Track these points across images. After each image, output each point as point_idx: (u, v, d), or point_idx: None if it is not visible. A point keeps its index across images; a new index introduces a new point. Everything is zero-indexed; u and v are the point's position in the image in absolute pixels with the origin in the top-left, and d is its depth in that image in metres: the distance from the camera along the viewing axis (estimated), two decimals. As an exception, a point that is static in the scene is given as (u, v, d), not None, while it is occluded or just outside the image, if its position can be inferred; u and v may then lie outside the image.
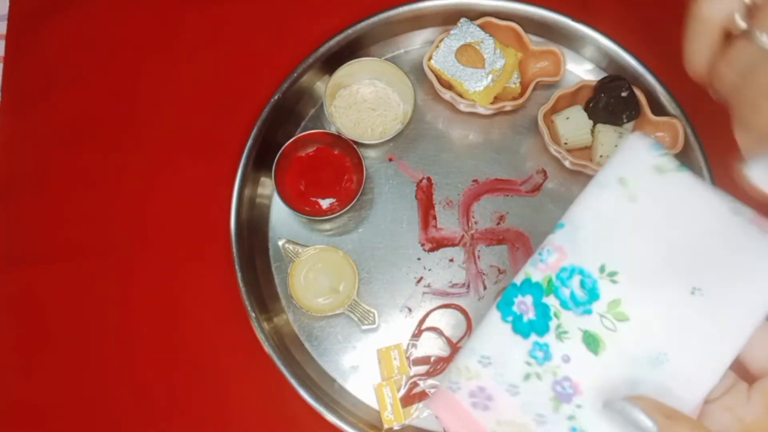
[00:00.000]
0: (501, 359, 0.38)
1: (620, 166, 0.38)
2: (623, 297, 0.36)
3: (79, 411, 0.62)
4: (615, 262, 0.36)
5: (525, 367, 0.37)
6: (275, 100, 0.64)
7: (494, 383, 0.37)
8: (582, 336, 0.36)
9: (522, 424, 0.37)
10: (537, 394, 0.37)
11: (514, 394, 0.37)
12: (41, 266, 0.65)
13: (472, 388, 0.38)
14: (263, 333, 0.59)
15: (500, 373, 0.37)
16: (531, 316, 0.37)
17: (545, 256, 0.38)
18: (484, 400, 0.37)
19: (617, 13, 0.69)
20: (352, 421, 0.58)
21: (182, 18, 0.71)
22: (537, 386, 0.37)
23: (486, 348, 0.38)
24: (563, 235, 0.38)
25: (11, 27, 0.71)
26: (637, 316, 0.36)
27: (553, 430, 0.36)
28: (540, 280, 0.37)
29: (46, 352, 0.63)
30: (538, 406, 0.37)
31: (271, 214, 0.66)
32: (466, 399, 0.38)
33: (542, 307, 0.37)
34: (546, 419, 0.36)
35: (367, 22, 0.66)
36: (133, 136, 0.68)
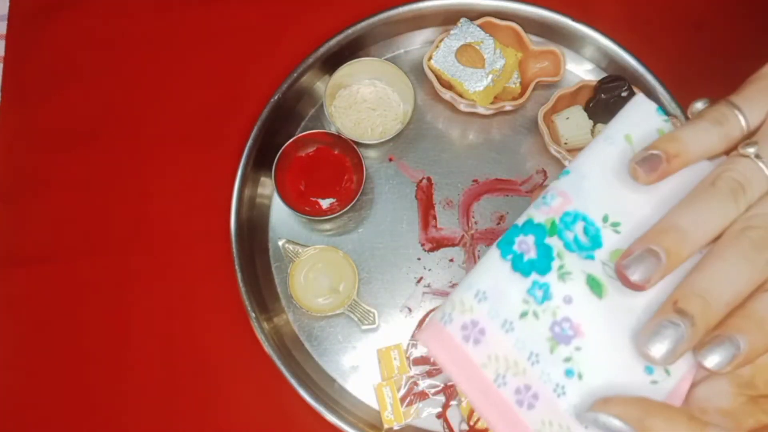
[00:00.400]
0: (497, 295, 0.37)
1: (626, 123, 0.38)
2: (625, 247, 0.35)
3: (79, 411, 0.62)
4: (617, 213, 0.36)
5: (522, 305, 0.36)
6: (275, 100, 0.64)
7: (488, 318, 0.37)
8: (586, 278, 0.36)
9: (514, 361, 0.36)
10: (533, 333, 0.36)
11: (508, 331, 0.36)
12: (41, 266, 0.65)
13: (464, 321, 0.37)
14: (263, 333, 0.59)
15: (495, 309, 0.37)
16: (532, 255, 0.37)
17: (549, 199, 0.37)
18: (475, 334, 0.36)
19: (617, 13, 0.69)
20: (352, 421, 0.58)
21: (182, 18, 0.71)
22: (533, 325, 0.36)
23: (482, 283, 0.37)
24: (568, 182, 0.38)
25: (11, 27, 0.71)
26: None
27: (546, 370, 0.36)
28: (543, 221, 0.37)
29: (45, 351, 0.63)
30: (533, 344, 0.36)
31: (271, 214, 0.66)
32: (458, 332, 0.37)
33: (544, 247, 0.37)
34: (540, 359, 0.36)
35: (367, 22, 0.66)
36: (133, 136, 0.68)
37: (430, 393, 0.60)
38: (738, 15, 0.70)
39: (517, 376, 0.36)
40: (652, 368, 0.34)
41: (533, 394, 0.36)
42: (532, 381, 0.36)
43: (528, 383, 0.36)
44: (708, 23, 0.70)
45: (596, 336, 0.35)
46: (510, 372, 0.36)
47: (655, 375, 0.34)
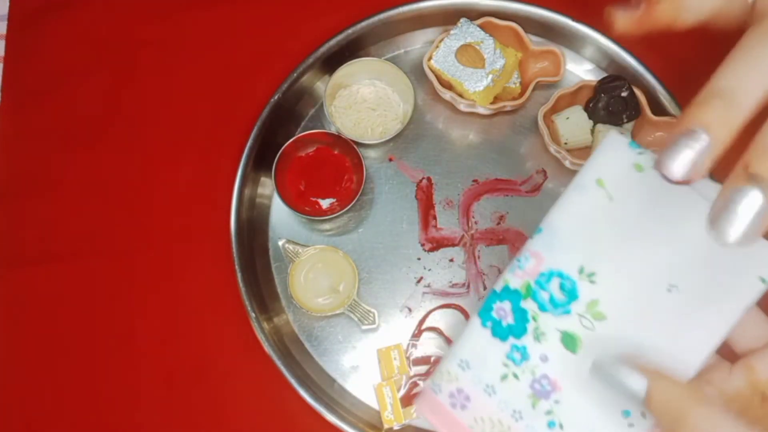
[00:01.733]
0: (479, 362, 0.40)
1: (597, 167, 0.38)
2: (601, 297, 0.37)
3: (79, 410, 0.62)
4: (593, 263, 0.37)
5: (502, 368, 0.39)
6: (275, 100, 0.64)
7: (472, 384, 0.40)
8: (560, 336, 0.37)
9: (498, 420, 0.39)
10: (514, 393, 0.38)
11: (490, 394, 0.39)
12: (41, 266, 0.65)
13: (451, 389, 0.40)
14: (263, 333, 0.59)
15: (478, 375, 0.40)
16: (509, 321, 0.39)
17: (523, 262, 0.39)
18: (462, 400, 0.40)
19: (617, 13, 0.69)
20: (352, 421, 0.58)
21: (182, 18, 0.71)
22: (514, 385, 0.38)
23: (465, 352, 0.40)
24: (540, 241, 0.39)
25: (11, 27, 0.71)
26: (614, 315, 0.36)
27: (530, 424, 0.38)
28: (518, 286, 0.39)
29: (46, 351, 0.63)
30: (515, 403, 0.38)
31: (271, 214, 0.66)
32: (447, 399, 0.40)
33: (520, 311, 0.39)
34: (523, 415, 0.38)
35: (367, 22, 0.66)
36: (133, 135, 0.68)
37: (430, 393, 0.60)
38: (738, 15, 0.70)
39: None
40: (629, 412, 0.35)
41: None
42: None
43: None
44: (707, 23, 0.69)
45: (573, 388, 0.37)
46: (496, 430, 0.39)
47: (631, 418, 0.35)
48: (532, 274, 0.38)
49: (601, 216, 0.37)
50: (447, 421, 0.40)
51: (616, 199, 0.37)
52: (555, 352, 0.37)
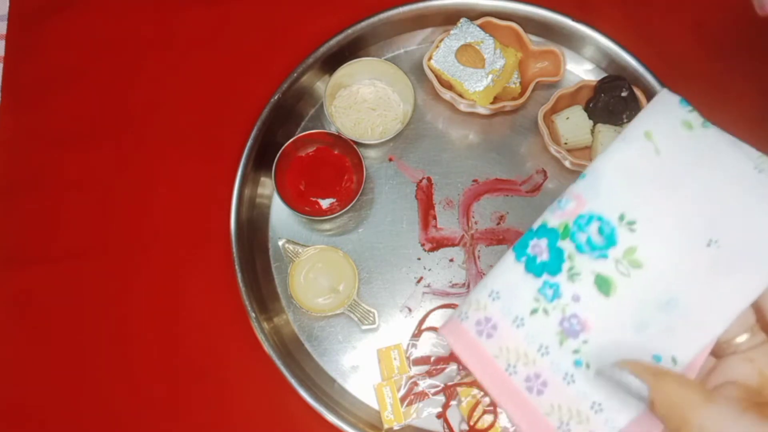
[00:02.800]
0: (510, 294, 0.40)
1: (647, 120, 0.39)
2: (639, 245, 0.37)
3: (79, 410, 0.62)
4: (634, 212, 0.38)
5: (533, 302, 0.39)
6: (275, 100, 0.64)
7: (500, 315, 0.40)
8: (594, 278, 0.38)
9: (525, 352, 0.39)
10: (543, 328, 0.39)
11: (518, 326, 0.39)
12: (41, 266, 0.65)
13: (479, 317, 0.40)
14: (263, 333, 0.59)
15: (507, 306, 0.40)
16: (544, 258, 0.39)
17: (563, 203, 0.39)
18: (488, 329, 0.40)
19: (617, 13, 0.69)
20: (352, 421, 0.58)
21: (182, 18, 0.71)
22: (543, 321, 0.39)
23: (497, 283, 0.40)
24: (583, 185, 0.39)
25: (11, 27, 0.71)
26: (651, 263, 0.37)
27: (556, 360, 0.38)
28: (556, 225, 0.39)
29: (46, 351, 0.63)
30: (543, 338, 0.39)
31: (271, 214, 0.66)
32: (473, 327, 0.40)
33: (556, 250, 0.39)
34: (550, 350, 0.38)
35: (367, 22, 0.66)
36: (133, 136, 0.68)
37: (430, 393, 0.60)
38: (738, 15, 0.70)
39: (527, 366, 0.39)
40: (660, 356, 0.36)
41: (542, 382, 0.38)
42: (541, 370, 0.38)
43: (538, 372, 0.38)
44: (708, 23, 0.69)
45: (603, 330, 0.37)
46: (520, 362, 0.39)
47: (662, 363, 0.36)
48: (572, 215, 0.39)
49: (646, 167, 0.38)
50: (471, 349, 0.40)
51: (663, 153, 0.38)
52: (587, 294, 0.38)
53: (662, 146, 0.38)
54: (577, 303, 0.38)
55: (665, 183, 0.37)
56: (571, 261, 0.38)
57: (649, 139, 0.38)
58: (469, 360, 0.40)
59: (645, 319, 0.37)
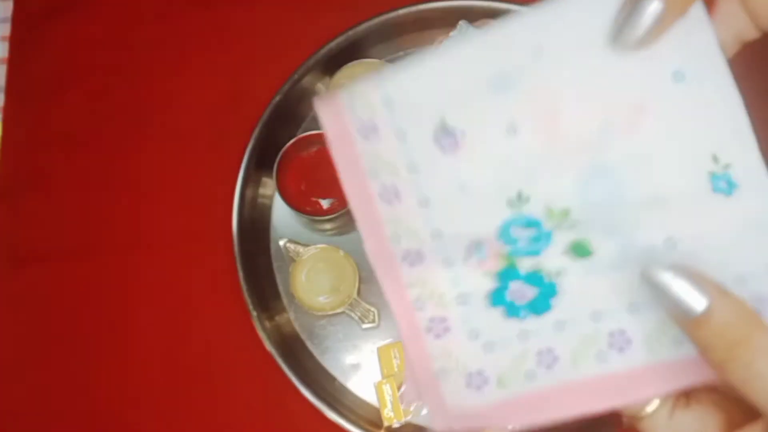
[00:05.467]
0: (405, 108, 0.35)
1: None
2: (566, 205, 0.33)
3: (79, 410, 0.62)
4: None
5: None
6: (276, 102, 0.65)
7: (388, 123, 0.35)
8: (568, 247, 0.34)
9: (393, 164, 0.35)
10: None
11: (401, 140, 0.35)
12: (42, 266, 0.65)
13: (363, 117, 0.35)
14: (264, 332, 0.60)
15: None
16: (528, 299, 0.35)
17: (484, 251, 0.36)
18: (369, 132, 0.35)
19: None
20: (353, 419, 0.58)
21: (184, 21, 0.71)
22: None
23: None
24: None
25: (15, 29, 0.72)
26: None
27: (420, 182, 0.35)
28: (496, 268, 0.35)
29: (46, 351, 0.63)
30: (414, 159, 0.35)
31: (273, 214, 0.66)
32: (355, 124, 0.35)
33: (532, 278, 0.35)
34: (419, 170, 0.35)
35: (368, 24, 0.66)
36: (135, 136, 0.69)
37: (429, 391, 0.60)
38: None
39: (391, 176, 0.36)
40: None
41: (396, 193, 0.36)
42: (401, 185, 0.35)
43: (396, 186, 0.36)
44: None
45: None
46: (385, 171, 0.35)
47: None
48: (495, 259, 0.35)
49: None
50: (344, 145, 0.35)
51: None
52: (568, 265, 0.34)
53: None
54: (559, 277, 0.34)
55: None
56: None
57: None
58: (338, 154, 0.36)
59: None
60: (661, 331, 0.32)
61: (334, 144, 0.36)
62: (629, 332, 0.33)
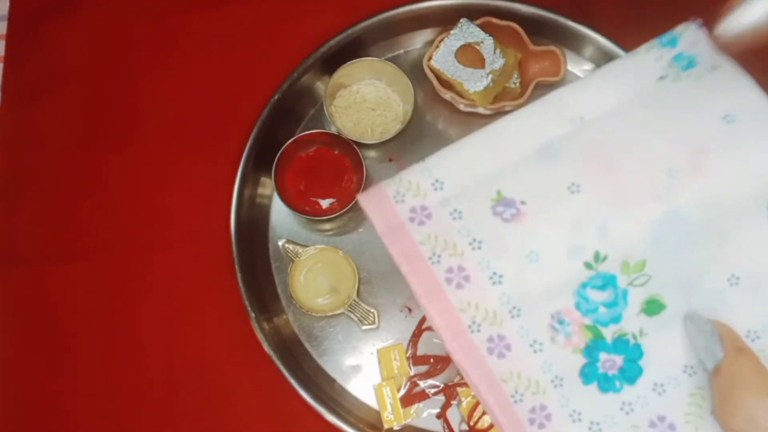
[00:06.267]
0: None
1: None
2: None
3: (79, 409, 0.62)
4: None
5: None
6: (275, 100, 0.64)
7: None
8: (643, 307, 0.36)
9: (453, 244, 0.37)
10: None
11: (454, 219, 0.37)
12: (41, 266, 0.65)
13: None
14: (263, 333, 0.59)
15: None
16: (617, 368, 0.36)
17: (567, 327, 0.37)
18: (422, 217, 0.37)
19: (617, 13, 0.69)
20: (352, 421, 0.58)
21: (182, 19, 0.71)
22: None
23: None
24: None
25: (11, 27, 0.71)
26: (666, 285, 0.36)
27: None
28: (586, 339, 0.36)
29: (46, 351, 0.63)
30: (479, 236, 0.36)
31: (271, 214, 0.66)
32: (406, 213, 0.37)
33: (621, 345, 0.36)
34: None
35: (367, 23, 0.66)
36: (133, 136, 0.68)
37: (430, 393, 0.60)
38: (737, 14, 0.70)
39: (454, 257, 0.36)
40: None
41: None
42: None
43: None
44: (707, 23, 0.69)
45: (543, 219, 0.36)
46: (446, 253, 0.36)
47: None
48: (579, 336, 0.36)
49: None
50: (396, 235, 0.37)
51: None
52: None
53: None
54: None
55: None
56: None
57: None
58: (391, 241, 0.37)
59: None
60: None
61: (388, 237, 0.37)
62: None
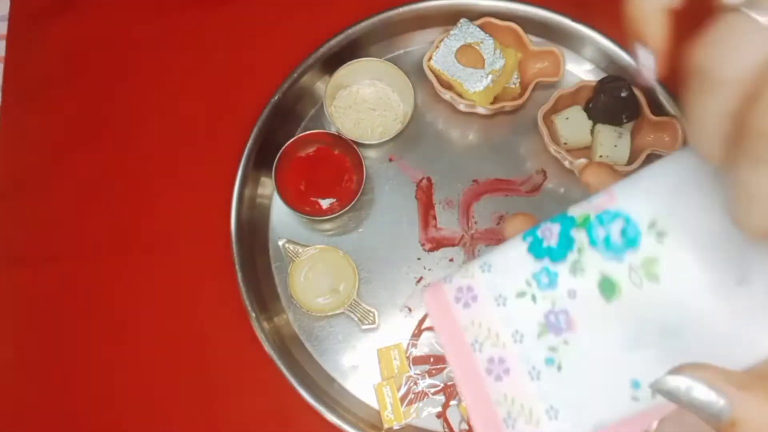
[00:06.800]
0: (502, 269, 0.37)
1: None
2: (663, 258, 0.33)
3: (79, 410, 0.62)
4: (668, 223, 0.33)
5: (523, 285, 0.36)
6: (275, 101, 0.64)
7: (485, 287, 0.37)
8: (599, 279, 0.34)
9: (496, 333, 0.36)
10: (524, 314, 0.35)
11: (499, 304, 0.36)
12: (41, 266, 0.65)
13: (461, 284, 0.38)
14: (263, 333, 0.59)
15: (494, 282, 0.37)
16: (552, 243, 0.35)
17: (593, 198, 0.35)
18: (467, 298, 0.38)
19: (617, 13, 0.69)
20: (352, 421, 0.58)
21: (183, 20, 0.71)
22: (528, 307, 0.35)
23: (493, 258, 0.37)
24: (621, 184, 0.35)
25: (12, 27, 0.71)
26: (669, 282, 0.32)
27: (527, 352, 0.35)
28: (575, 215, 0.35)
29: (46, 351, 0.63)
30: (520, 324, 0.35)
31: (272, 214, 0.66)
32: (452, 292, 0.38)
33: (567, 237, 0.35)
34: (524, 339, 0.35)
35: (367, 23, 0.66)
36: (134, 136, 0.68)
37: (430, 393, 0.60)
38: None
39: (495, 348, 0.36)
40: (639, 383, 0.32)
41: (505, 369, 0.35)
42: (508, 356, 0.35)
43: (503, 357, 0.36)
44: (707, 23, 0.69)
45: (589, 337, 0.34)
46: (489, 342, 0.36)
47: (638, 391, 0.32)
48: (597, 208, 0.35)
49: (696, 181, 0.33)
50: (443, 312, 0.38)
51: (718, 172, 0.32)
52: (586, 292, 0.34)
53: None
54: (572, 299, 0.35)
55: (711, 204, 0.32)
56: (580, 254, 0.35)
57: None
58: (439, 325, 0.38)
59: (640, 338, 0.33)
60: None
61: (435, 317, 0.38)
62: None
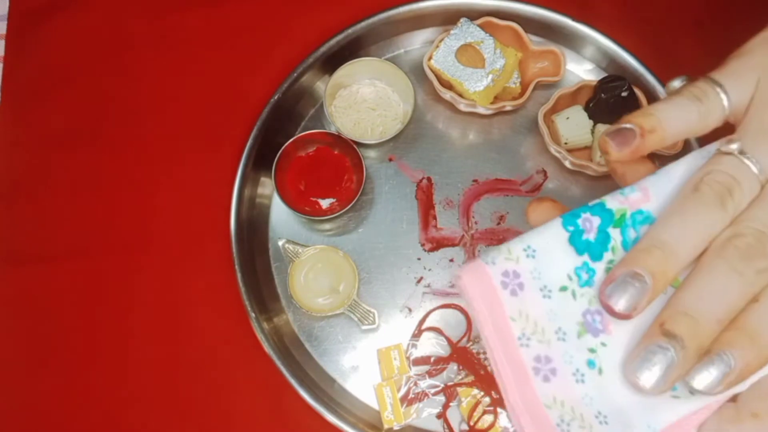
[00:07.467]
0: (546, 258, 0.35)
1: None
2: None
3: (79, 410, 0.62)
4: None
5: (565, 279, 0.34)
6: (275, 100, 0.64)
7: (530, 275, 0.35)
8: None
9: (543, 328, 0.34)
10: (566, 310, 0.34)
11: (545, 296, 0.34)
12: (41, 266, 0.64)
13: (507, 268, 0.35)
14: (263, 333, 0.59)
15: (539, 270, 0.35)
16: (591, 237, 0.34)
17: (627, 192, 0.35)
18: (514, 285, 0.34)
19: (617, 13, 0.69)
20: (352, 421, 0.58)
21: (182, 18, 0.71)
22: (569, 303, 0.34)
23: (537, 242, 0.35)
24: (653, 180, 0.35)
25: (11, 27, 0.71)
26: None
27: (571, 352, 0.34)
28: (614, 209, 0.35)
29: (46, 351, 0.63)
30: (563, 321, 0.34)
31: (271, 214, 0.66)
32: (498, 275, 0.35)
33: (604, 234, 0.34)
34: (567, 339, 0.34)
35: (367, 22, 0.66)
36: (133, 136, 0.68)
37: (430, 393, 0.60)
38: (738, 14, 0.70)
39: (542, 344, 0.34)
40: (677, 386, 0.32)
41: (552, 369, 0.34)
42: (554, 355, 0.34)
43: (549, 356, 0.34)
44: (708, 22, 0.70)
45: (624, 339, 0.33)
46: (536, 337, 0.34)
47: (677, 392, 0.32)
48: (633, 205, 0.34)
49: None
50: (488, 300, 0.34)
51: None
52: None
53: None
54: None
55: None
56: (614, 253, 0.34)
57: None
58: (481, 308, 0.34)
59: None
60: None
61: (477, 302, 0.34)
62: None
